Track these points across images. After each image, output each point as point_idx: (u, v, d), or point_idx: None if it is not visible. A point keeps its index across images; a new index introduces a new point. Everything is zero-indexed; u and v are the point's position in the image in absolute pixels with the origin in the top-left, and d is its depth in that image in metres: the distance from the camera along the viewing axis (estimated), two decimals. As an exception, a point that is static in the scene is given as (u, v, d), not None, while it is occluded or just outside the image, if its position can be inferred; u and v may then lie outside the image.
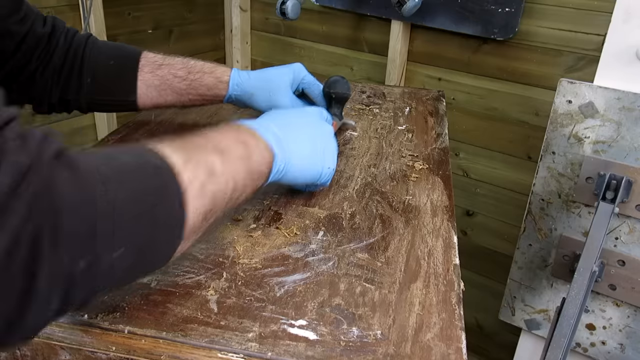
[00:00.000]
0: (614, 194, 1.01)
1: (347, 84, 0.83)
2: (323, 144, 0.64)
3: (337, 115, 0.83)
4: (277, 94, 0.80)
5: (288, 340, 0.45)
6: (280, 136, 0.58)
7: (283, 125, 0.61)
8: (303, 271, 0.54)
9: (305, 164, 0.61)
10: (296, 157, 0.59)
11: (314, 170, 0.62)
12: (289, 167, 0.59)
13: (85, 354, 0.46)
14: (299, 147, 0.60)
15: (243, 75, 0.82)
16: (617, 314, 1.12)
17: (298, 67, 0.83)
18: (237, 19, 1.88)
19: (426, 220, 0.65)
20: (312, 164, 0.62)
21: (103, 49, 0.80)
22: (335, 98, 0.82)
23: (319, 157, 0.63)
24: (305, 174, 0.62)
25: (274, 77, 0.81)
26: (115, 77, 0.79)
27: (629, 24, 0.99)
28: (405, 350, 0.45)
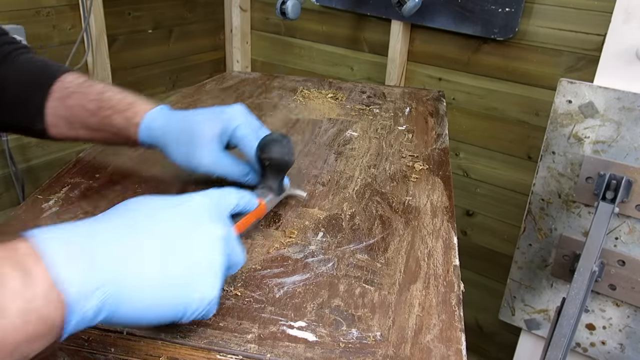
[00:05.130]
0: (614, 194, 1.01)
1: (288, 145, 0.60)
2: (192, 261, 0.41)
3: (272, 190, 0.61)
4: (196, 149, 0.62)
5: (287, 341, 0.45)
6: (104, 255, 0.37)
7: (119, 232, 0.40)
8: (302, 272, 0.54)
9: (154, 296, 0.39)
10: (135, 287, 0.38)
11: (172, 305, 0.40)
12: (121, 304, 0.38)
13: (84, 355, 0.46)
14: (140, 271, 0.39)
15: (160, 118, 0.65)
16: (617, 314, 1.12)
17: (234, 112, 0.64)
18: (237, 19, 1.88)
19: (426, 221, 0.65)
20: (168, 295, 0.40)
21: (23, 66, 0.69)
22: (269, 166, 0.60)
23: (180, 282, 0.40)
24: (157, 312, 0.40)
25: (195, 127, 0.63)
26: (21, 100, 0.68)
27: (629, 24, 0.99)
28: (405, 351, 0.45)
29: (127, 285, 0.38)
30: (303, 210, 0.65)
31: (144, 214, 0.42)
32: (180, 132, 0.63)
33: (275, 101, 1.02)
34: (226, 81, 1.12)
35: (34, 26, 1.35)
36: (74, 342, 0.45)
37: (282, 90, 1.08)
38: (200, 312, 0.42)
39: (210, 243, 0.43)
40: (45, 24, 1.37)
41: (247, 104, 0.99)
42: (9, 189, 1.40)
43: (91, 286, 0.36)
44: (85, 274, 0.36)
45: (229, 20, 1.91)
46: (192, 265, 0.41)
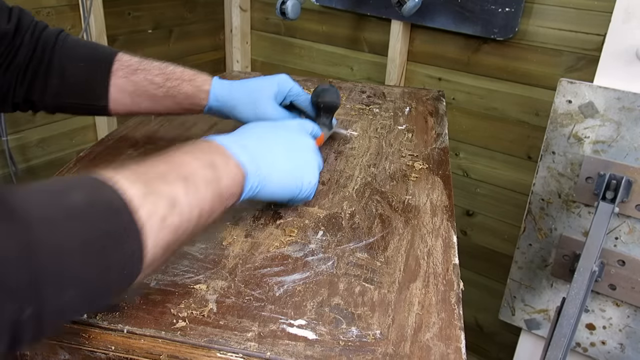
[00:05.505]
0: (614, 193, 1.01)
1: (336, 92, 0.79)
2: (303, 158, 0.61)
3: (326, 125, 0.80)
4: (261, 105, 0.76)
5: (287, 339, 0.45)
6: (254, 151, 0.55)
7: (257, 139, 0.58)
8: (302, 271, 0.54)
9: (282, 180, 0.58)
10: (272, 173, 0.56)
11: (293, 186, 0.59)
12: (265, 184, 0.56)
13: (84, 353, 0.46)
14: (274, 162, 0.57)
15: (225, 85, 0.77)
16: (617, 314, 1.12)
17: (283, 78, 0.79)
18: (237, 19, 1.88)
19: (426, 220, 0.65)
20: (290, 179, 0.59)
21: (74, 48, 0.74)
22: (323, 107, 0.79)
23: (298, 171, 0.59)
24: (284, 190, 0.59)
25: (257, 88, 0.77)
26: (85, 80, 0.73)
27: (629, 24, 0.99)
28: (405, 350, 0.45)
29: (269, 172, 0.56)
30: (303, 209, 0.65)
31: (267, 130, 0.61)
32: (245, 95, 0.76)
33: (275, 101, 1.02)
34: (226, 81, 1.12)
35: (34, 26, 1.35)
36: (74, 340, 0.46)
37: (282, 90, 1.08)
38: (308, 192, 0.61)
39: (311, 148, 0.63)
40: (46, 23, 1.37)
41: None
42: (9, 188, 1.40)
43: (254, 168, 0.54)
44: (250, 161, 0.54)
45: (229, 20, 1.91)
46: (304, 161, 0.61)
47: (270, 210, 0.65)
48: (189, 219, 0.45)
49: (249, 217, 0.63)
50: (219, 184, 0.49)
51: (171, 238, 0.43)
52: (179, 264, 0.54)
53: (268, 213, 0.64)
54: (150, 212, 0.41)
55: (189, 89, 0.76)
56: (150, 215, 0.41)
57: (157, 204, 0.42)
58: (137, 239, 0.40)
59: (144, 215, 0.40)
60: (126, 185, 0.41)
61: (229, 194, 0.51)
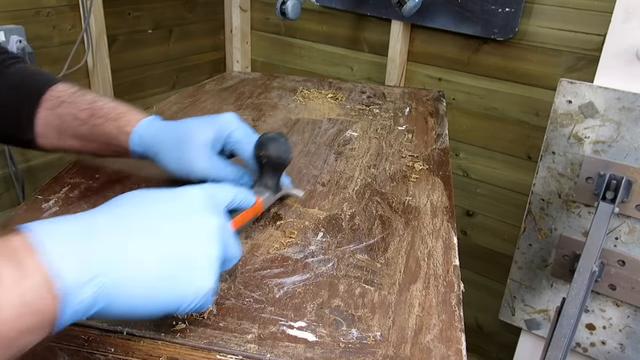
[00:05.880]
0: (614, 194, 1.01)
1: (285, 143, 0.61)
2: (190, 252, 0.41)
3: (269, 188, 0.62)
4: (187, 154, 0.62)
5: (287, 341, 0.45)
6: (101, 245, 0.38)
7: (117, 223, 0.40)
8: (302, 272, 0.54)
9: (150, 288, 0.39)
10: (131, 278, 0.38)
11: (170, 296, 0.40)
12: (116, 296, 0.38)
13: (83, 355, 0.46)
14: (138, 261, 0.39)
15: (153, 126, 0.65)
16: (617, 314, 1.12)
17: (226, 119, 0.64)
18: (237, 19, 1.88)
19: (426, 221, 0.65)
20: (164, 287, 0.40)
21: (12, 76, 0.69)
22: (266, 164, 0.61)
23: (179, 273, 0.40)
24: (153, 303, 0.40)
25: (187, 132, 0.63)
26: (11, 110, 0.67)
27: (629, 24, 0.99)
28: (405, 351, 0.45)
29: (121, 276, 0.38)
30: (303, 211, 0.65)
31: (139, 206, 0.43)
32: (172, 139, 0.63)
33: (275, 101, 1.02)
34: (226, 81, 1.12)
35: (34, 26, 1.35)
36: (74, 342, 0.46)
37: (282, 91, 1.08)
38: (196, 305, 0.42)
39: (205, 235, 0.43)
40: (45, 24, 1.37)
41: (247, 104, 1.00)
42: (9, 189, 1.40)
43: (85, 277, 0.36)
44: (79, 266, 0.36)
45: (229, 20, 1.91)
46: (188, 257, 0.41)
47: (270, 212, 0.65)
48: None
49: (249, 219, 0.63)
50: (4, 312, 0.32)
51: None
52: (179, 266, 0.54)
53: (268, 215, 0.64)
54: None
55: (111, 129, 0.65)
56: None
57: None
58: None
59: None
60: None
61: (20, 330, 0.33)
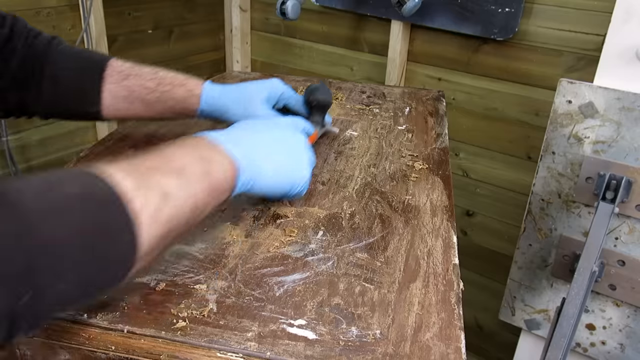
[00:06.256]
0: (614, 194, 1.01)
1: (328, 91, 0.80)
2: (295, 154, 0.61)
3: (318, 123, 0.81)
4: (252, 108, 0.76)
5: (287, 339, 0.45)
6: (246, 146, 0.55)
7: (250, 135, 0.58)
8: (302, 271, 0.54)
9: (275, 175, 0.58)
10: (265, 168, 0.57)
11: (286, 181, 0.60)
12: (258, 178, 0.56)
13: (84, 353, 0.46)
14: (267, 158, 0.57)
15: (216, 89, 0.78)
16: (617, 314, 1.12)
17: (275, 82, 0.80)
18: (237, 19, 1.88)
19: (426, 220, 0.65)
20: (283, 175, 0.59)
21: (67, 54, 0.75)
22: (315, 106, 0.80)
23: (290, 167, 0.60)
24: (277, 185, 0.59)
25: (247, 91, 0.77)
26: (77, 86, 0.74)
27: (629, 24, 0.99)
28: (405, 349, 0.45)
29: (262, 166, 0.57)
30: (303, 209, 0.65)
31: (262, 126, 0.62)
32: (236, 99, 0.77)
33: (275, 101, 1.02)
34: (226, 81, 1.12)
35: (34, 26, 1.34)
36: (74, 340, 0.46)
37: (282, 90, 1.08)
38: (301, 188, 0.62)
39: (302, 144, 0.63)
40: (45, 24, 1.37)
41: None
42: (9, 188, 1.40)
43: (246, 163, 0.54)
44: (243, 156, 0.54)
45: (229, 21, 1.91)
46: (297, 157, 0.61)
47: (270, 210, 0.65)
48: (182, 211, 0.46)
49: (249, 217, 0.63)
50: (211, 178, 0.50)
51: (164, 230, 0.44)
52: (179, 264, 0.54)
53: (268, 213, 0.64)
54: (143, 204, 0.42)
55: (181, 93, 0.76)
56: (143, 207, 0.41)
57: (150, 197, 0.43)
58: (131, 230, 0.40)
59: (137, 207, 0.41)
60: (119, 178, 0.41)
61: (222, 188, 0.51)
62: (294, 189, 0.61)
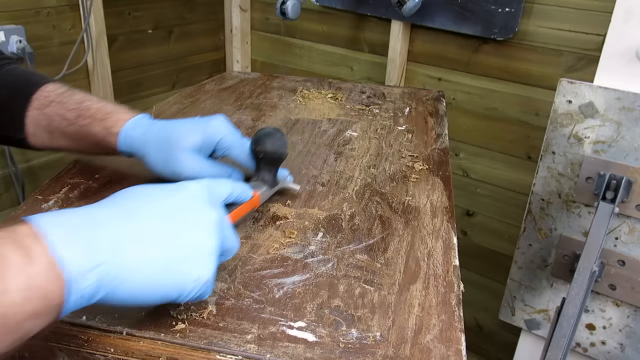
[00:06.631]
0: (614, 194, 1.01)
1: (281, 139, 0.64)
2: (189, 243, 0.43)
3: (266, 182, 0.64)
4: (174, 157, 0.62)
5: (287, 341, 0.45)
6: (103, 237, 0.39)
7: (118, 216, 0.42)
8: (302, 273, 0.54)
9: (150, 278, 0.41)
10: (131, 268, 0.40)
11: (169, 285, 0.42)
12: (118, 285, 0.39)
13: (83, 355, 0.46)
14: (138, 252, 0.41)
15: (142, 127, 0.65)
16: (617, 314, 1.12)
17: (215, 124, 0.64)
18: (237, 19, 1.88)
19: (426, 221, 0.65)
20: (164, 277, 0.42)
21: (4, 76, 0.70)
22: (263, 159, 0.63)
23: (178, 264, 0.42)
24: (153, 292, 0.42)
25: (175, 136, 0.63)
26: (4, 110, 0.68)
27: (629, 24, 0.99)
28: (405, 352, 0.45)
29: (125, 265, 0.40)
30: (303, 211, 0.65)
31: (141, 199, 0.45)
32: (159, 142, 0.63)
33: (275, 101, 1.02)
34: (226, 81, 1.12)
35: (34, 26, 1.35)
36: (73, 343, 0.45)
37: (282, 91, 1.08)
38: (196, 293, 0.44)
39: (204, 227, 0.45)
40: (45, 24, 1.37)
41: (247, 104, 1.00)
42: (9, 189, 1.40)
43: (89, 265, 0.38)
44: (84, 253, 0.37)
45: (229, 20, 1.91)
46: (188, 248, 0.43)
47: (270, 212, 0.65)
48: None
49: (249, 219, 0.63)
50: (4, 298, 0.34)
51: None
52: (179, 266, 0.54)
53: (267, 215, 0.64)
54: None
55: (99, 129, 0.66)
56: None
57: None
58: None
59: None
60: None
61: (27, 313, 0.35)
62: (185, 294, 0.43)
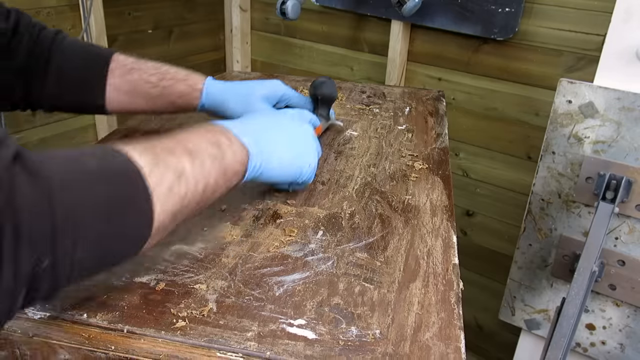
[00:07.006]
0: (614, 194, 1.01)
1: (333, 85, 0.83)
2: (302, 143, 0.64)
3: (323, 117, 0.84)
4: (253, 104, 0.78)
5: (287, 339, 0.45)
6: (257, 135, 0.58)
7: (260, 125, 0.61)
8: (302, 271, 0.54)
9: (283, 162, 0.61)
10: (274, 156, 0.59)
11: (294, 169, 0.63)
12: (267, 165, 0.58)
13: (84, 353, 0.46)
14: (276, 146, 0.60)
15: (218, 84, 0.79)
16: (617, 314, 1.12)
17: (276, 82, 0.81)
18: (237, 19, 1.88)
19: (425, 219, 0.65)
20: (291, 162, 0.62)
21: (72, 48, 0.75)
22: (321, 99, 0.83)
23: (298, 155, 0.63)
24: (285, 172, 0.62)
25: (249, 88, 0.79)
26: (82, 80, 0.75)
27: (629, 24, 0.99)
28: (404, 349, 0.45)
29: (272, 153, 0.59)
30: (303, 209, 0.65)
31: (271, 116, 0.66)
32: (237, 94, 0.78)
33: (275, 101, 1.02)
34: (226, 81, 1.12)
35: (35, 26, 1.35)
36: (74, 340, 0.46)
37: (282, 90, 1.08)
38: (308, 176, 0.65)
39: (309, 135, 0.66)
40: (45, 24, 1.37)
41: (247, 104, 1.00)
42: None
43: (257, 150, 0.57)
44: (253, 143, 0.57)
45: (229, 20, 1.91)
46: (304, 145, 0.64)
47: (270, 210, 0.65)
48: (194, 190, 0.48)
49: (249, 217, 0.63)
50: (224, 161, 0.52)
51: (177, 207, 0.46)
52: (179, 264, 0.54)
53: (268, 213, 0.64)
54: (158, 180, 0.44)
55: (183, 87, 0.77)
56: (158, 183, 0.44)
57: (165, 174, 0.45)
58: (148, 202, 0.43)
59: (153, 182, 0.43)
60: (136, 155, 0.44)
61: (233, 172, 0.54)
62: (302, 176, 0.64)
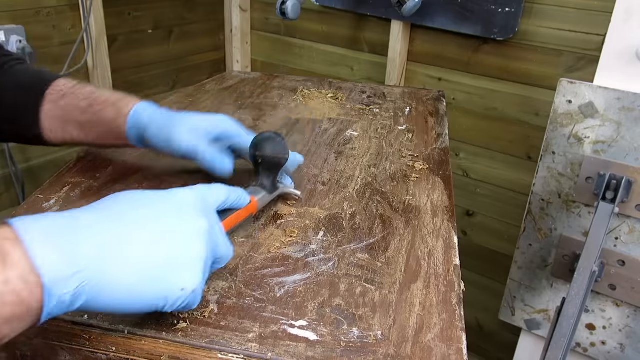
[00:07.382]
0: (614, 194, 1.01)
1: (281, 143, 0.61)
2: (176, 253, 0.41)
3: (264, 187, 0.61)
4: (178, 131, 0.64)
5: (288, 340, 0.45)
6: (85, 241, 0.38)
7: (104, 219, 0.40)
8: (303, 271, 0.54)
9: (134, 285, 0.39)
10: (113, 275, 0.38)
11: (154, 295, 0.40)
12: (99, 292, 0.38)
13: (85, 354, 0.46)
14: (123, 259, 0.39)
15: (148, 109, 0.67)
16: (617, 314, 1.12)
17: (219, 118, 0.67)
18: (237, 19, 1.88)
19: (426, 220, 0.65)
20: (148, 285, 0.40)
21: (15, 75, 0.71)
22: (262, 164, 0.61)
23: (163, 272, 0.40)
24: (136, 301, 0.40)
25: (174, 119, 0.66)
26: (18, 107, 0.69)
27: (629, 24, 0.99)
28: (406, 350, 0.45)
29: (107, 272, 0.38)
30: (304, 210, 0.65)
31: (129, 204, 0.43)
32: (165, 118, 0.66)
33: (275, 101, 1.02)
34: (226, 81, 1.12)
35: (34, 26, 1.35)
36: (75, 342, 0.46)
37: (282, 90, 1.08)
38: (182, 303, 0.42)
39: (192, 235, 0.43)
40: (45, 24, 1.37)
41: (247, 104, 1.00)
42: (9, 189, 1.40)
43: (69, 271, 0.36)
44: (63, 259, 0.36)
45: (229, 20, 1.91)
46: (174, 257, 0.41)
47: (271, 211, 0.65)
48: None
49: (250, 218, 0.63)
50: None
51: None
52: (180, 265, 0.54)
53: (269, 214, 0.64)
54: None
55: (111, 112, 0.67)
56: None
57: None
58: None
59: None
60: None
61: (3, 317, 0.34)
62: (170, 304, 0.41)
